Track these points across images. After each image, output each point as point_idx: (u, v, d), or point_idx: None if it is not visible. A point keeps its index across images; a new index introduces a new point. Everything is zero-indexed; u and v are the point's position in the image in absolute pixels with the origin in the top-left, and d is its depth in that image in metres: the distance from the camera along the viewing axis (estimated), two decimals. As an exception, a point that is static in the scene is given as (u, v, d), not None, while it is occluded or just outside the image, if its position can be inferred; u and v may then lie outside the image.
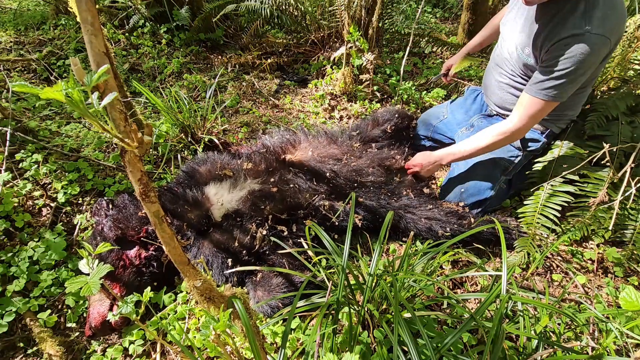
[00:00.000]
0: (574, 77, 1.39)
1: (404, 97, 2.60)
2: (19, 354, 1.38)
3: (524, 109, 1.53)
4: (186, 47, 3.15)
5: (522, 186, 1.88)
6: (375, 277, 1.14)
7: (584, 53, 1.31)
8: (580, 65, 1.35)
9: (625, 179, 1.36)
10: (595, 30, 1.29)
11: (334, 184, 1.70)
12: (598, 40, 1.30)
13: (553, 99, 1.45)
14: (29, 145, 1.97)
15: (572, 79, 1.39)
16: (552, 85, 1.42)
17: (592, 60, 1.35)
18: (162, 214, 0.77)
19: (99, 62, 0.61)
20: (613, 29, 1.31)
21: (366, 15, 2.65)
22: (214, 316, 0.83)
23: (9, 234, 1.64)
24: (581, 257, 1.64)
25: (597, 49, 1.32)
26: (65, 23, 3.28)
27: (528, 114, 1.52)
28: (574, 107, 1.70)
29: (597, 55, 1.34)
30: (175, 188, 1.63)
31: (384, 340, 1.13)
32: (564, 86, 1.41)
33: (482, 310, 1.04)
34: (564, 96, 1.45)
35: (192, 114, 2.19)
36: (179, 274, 1.59)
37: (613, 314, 1.19)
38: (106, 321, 1.36)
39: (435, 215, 1.69)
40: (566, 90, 1.42)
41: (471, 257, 1.54)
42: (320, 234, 1.23)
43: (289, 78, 2.98)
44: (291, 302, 1.35)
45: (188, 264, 0.89)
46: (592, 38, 1.30)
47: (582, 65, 1.34)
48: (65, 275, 1.56)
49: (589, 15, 1.30)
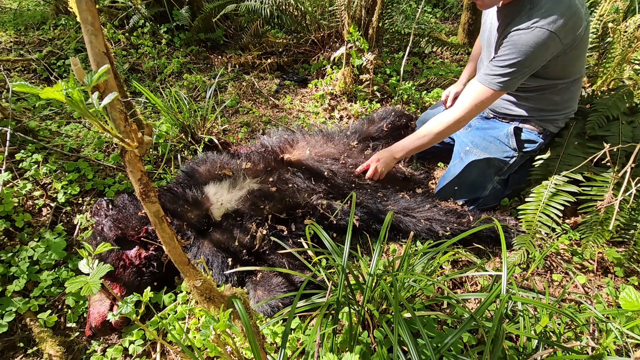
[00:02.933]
0: (520, 68, 1.46)
1: (404, 97, 2.60)
2: (19, 354, 1.38)
3: (472, 96, 1.59)
4: (186, 47, 3.15)
5: (520, 187, 1.88)
6: (375, 277, 1.14)
7: (526, 44, 1.41)
8: (525, 57, 1.43)
9: (626, 178, 1.36)
10: (539, 24, 1.38)
11: (331, 184, 1.71)
12: (540, 33, 1.39)
13: (500, 88, 1.52)
14: (29, 145, 1.97)
15: (518, 69, 1.46)
16: (500, 74, 1.50)
17: (537, 53, 1.42)
18: (162, 213, 0.77)
19: (99, 62, 0.61)
20: (556, 22, 1.37)
21: (366, 15, 2.65)
22: (214, 316, 0.83)
23: (9, 234, 1.64)
24: (581, 257, 1.64)
25: (541, 41, 1.40)
26: (65, 23, 3.28)
27: (475, 101, 1.58)
28: (569, 105, 1.72)
29: (543, 48, 1.42)
30: (175, 188, 1.63)
31: (384, 340, 1.13)
32: (511, 76, 1.48)
33: (482, 310, 1.04)
34: (510, 86, 1.52)
35: (192, 114, 2.19)
36: (179, 274, 1.59)
37: (613, 314, 1.19)
38: (106, 321, 1.35)
39: (434, 215, 1.69)
40: (512, 79, 1.50)
41: (471, 257, 1.54)
42: (320, 234, 1.23)
43: (289, 78, 2.98)
44: (291, 302, 1.35)
45: (188, 264, 0.89)
46: (535, 31, 1.39)
47: (527, 56, 1.43)
48: (65, 275, 1.56)
49: (533, 12, 1.41)
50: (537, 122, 1.75)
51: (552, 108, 1.71)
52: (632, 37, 1.93)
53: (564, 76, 1.60)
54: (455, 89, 2.18)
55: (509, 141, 1.77)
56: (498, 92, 1.53)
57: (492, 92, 1.54)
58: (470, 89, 1.60)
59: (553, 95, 1.66)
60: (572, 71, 1.60)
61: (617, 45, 1.99)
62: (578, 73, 1.63)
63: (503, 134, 1.79)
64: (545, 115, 1.72)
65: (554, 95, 1.66)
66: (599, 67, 2.12)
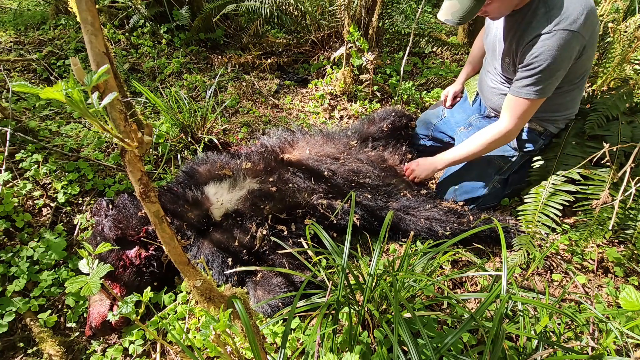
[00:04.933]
0: (550, 74, 1.44)
1: (404, 97, 2.60)
2: (19, 354, 1.38)
3: (511, 110, 1.57)
4: (186, 47, 3.15)
5: (521, 186, 1.88)
6: (375, 277, 1.14)
7: (552, 49, 1.38)
8: (552, 61, 1.40)
9: (625, 178, 1.36)
10: (560, 26, 1.36)
11: (332, 183, 1.71)
12: (565, 34, 1.36)
13: (537, 96, 1.49)
14: (29, 145, 1.97)
15: (548, 75, 1.44)
16: (531, 83, 1.47)
17: (564, 54, 1.40)
18: (162, 213, 0.77)
19: (99, 62, 0.61)
20: (577, 21, 1.36)
21: (366, 15, 2.65)
22: (214, 316, 0.83)
23: (9, 234, 1.64)
24: (581, 257, 1.64)
25: (566, 43, 1.37)
26: (65, 23, 3.28)
27: (516, 114, 1.56)
28: (571, 106, 1.71)
29: (568, 50, 1.39)
30: (175, 188, 1.63)
31: (384, 340, 1.13)
32: (543, 82, 1.46)
33: (482, 310, 1.04)
34: (547, 92, 1.49)
35: (192, 114, 2.19)
36: (179, 274, 1.59)
37: (613, 314, 1.19)
38: (106, 321, 1.35)
39: (434, 215, 1.69)
40: (547, 86, 1.47)
41: (471, 257, 1.54)
42: (320, 234, 1.23)
43: (289, 78, 2.97)
44: (291, 302, 1.35)
45: (188, 264, 0.89)
46: (558, 34, 1.37)
47: (555, 60, 1.40)
48: (65, 275, 1.56)
49: (550, 15, 1.39)
50: (538, 122, 1.75)
51: (555, 109, 1.70)
52: (632, 37, 1.93)
53: (574, 78, 1.59)
54: (454, 88, 2.18)
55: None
56: (537, 100, 1.51)
57: (529, 103, 1.52)
58: (508, 104, 1.58)
59: (558, 97, 1.65)
60: (581, 72, 1.59)
61: (617, 45, 1.98)
62: (585, 74, 1.62)
63: None
64: (547, 115, 1.72)
65: (559, 97, 1.65)
66: (599, 67, 2.12)
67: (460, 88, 2.19)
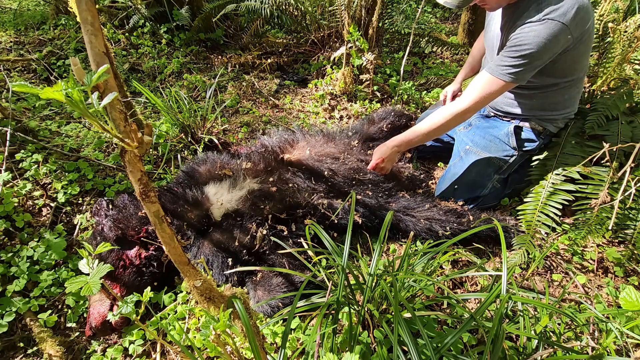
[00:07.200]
0: (532, 60, 1.45)
1: (404, 97, 2.60)
2: (19, 354, 1.38)
3: (481, 87, 1.56)
4: (186, 47, 3.15)
5: (520, 186, 1.88)
6: (375, 277, 1.14)
7: (538, 36, 1.40)
8: (537, 48, 1.41)
9: (625, 178, 1.36)
10: (550, 16, 1.38)
11: (332, 183, 1.71)
12: (553, 25, 1.38)
13: (511, 79, 1.50)
14: (29, 145, 1.97)
15: (530, 61, 1.45)
16: (511, 64, 1.48)
17: (548, 45, 1.41)
18: (162, 214, 0.77)
19: (99, 62, 0.61)
20: (567, 14, 1.37)
21: (366, 15, 2.65)
22: (214, 316, 0.83)
23: (9, 234, 1.64)
24: (581, 257, 1.64)
25: (553, 33, 1.39)
26: (65, 23, 3.28)
27: (484, 92, 1.56)
28: (569, 105, 1.72)
29: (554, 40, 1.41)
30: (175, 188, 1.63)
31: (384, 340, 1.13)
32: (523, 67, 1.47)
33: (482, 310, 1.04)
34: (521, 78, 1.50)
35: (192, 114, 2.19)
36: (179, 274, 1.59)
37: (613, 314, 1.19)
38: (106, 321, 1.35)
39: (434, 215, 1.69)
40: (524, 72, 1.48)
41: (471, 257, 1.54)
42: (320, 234, 1.23)
43: (289, 78, 2.97)
44: (291, 302, 1.35)
45: (188, 264, 0.89)
46: (547, 23, 1.39)
47: (539, 48, 1.41)
48: (65, 275, 1.56)
49: (542, 6, 1.41)
50: (538, 121, 1.75)
51: (553, 107, 1.71)
52: (632, 37, 1.93)
53: (568, 74, 1.60)
54: (452, 88, 2.18)
55: (509, 140, 1.77)
56: (508, 83, 1.51)
57: (502, 84, 1.52)
58: (478, 80, 1.58)
59: (555, 95, 1.66)
60: (576, 69, 1.60)
61: (617, 45, 1.98)
62: (581, 72, 1.63)
63: (503, 133, 1.79)
64: (546, 114, 1.72)
65: (556, 94, 1.66)
66: (599, 67, 2.12)
67: (458, 87, 2.19)
